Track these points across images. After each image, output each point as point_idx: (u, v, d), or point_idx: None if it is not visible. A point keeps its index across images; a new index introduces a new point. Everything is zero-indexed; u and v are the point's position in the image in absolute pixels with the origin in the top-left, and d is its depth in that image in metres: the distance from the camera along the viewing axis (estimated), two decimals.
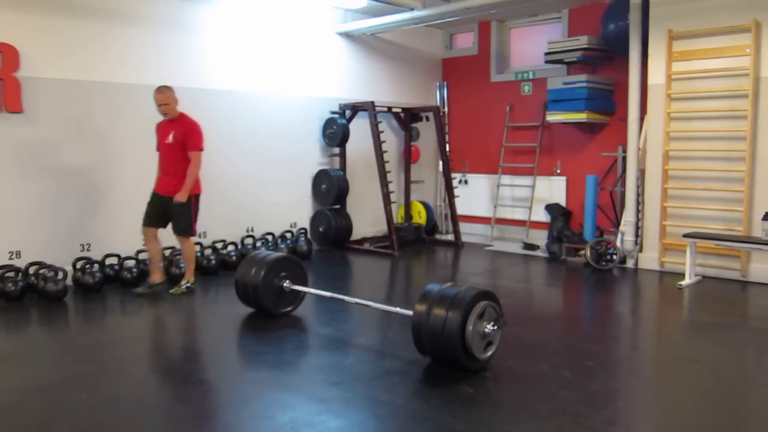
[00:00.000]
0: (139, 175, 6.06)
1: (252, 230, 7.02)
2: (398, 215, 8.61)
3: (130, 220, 5.98)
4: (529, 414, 3.06)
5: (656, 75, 6.33)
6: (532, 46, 8.42)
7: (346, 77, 8.03)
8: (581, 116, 7.24)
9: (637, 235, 6.53)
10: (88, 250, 5.76)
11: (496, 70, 8.65)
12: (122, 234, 5.94)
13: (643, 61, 6.40)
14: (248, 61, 6.95)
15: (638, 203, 6.51)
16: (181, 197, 5.16)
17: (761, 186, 5.81)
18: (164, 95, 5.19)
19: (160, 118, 5.39)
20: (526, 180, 8.30)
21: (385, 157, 7.54)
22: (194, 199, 5.33)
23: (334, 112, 7.74)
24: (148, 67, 6.10)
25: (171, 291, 5.35)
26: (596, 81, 7.28)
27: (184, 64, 6.38)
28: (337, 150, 7.83)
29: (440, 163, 8.47)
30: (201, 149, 5.28)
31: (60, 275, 5.22)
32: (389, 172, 7.61)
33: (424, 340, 3.58)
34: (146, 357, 3.82)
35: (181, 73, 6.34)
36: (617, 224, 6.93)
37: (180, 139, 5.21)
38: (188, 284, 5.41)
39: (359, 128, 7.74)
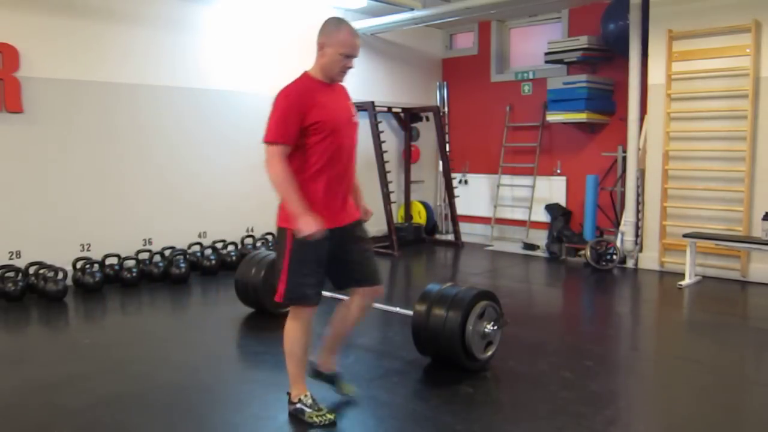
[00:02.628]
0: (140, 175, 6.08)
1: (252, 230, 7.02)
2: (398, 215, 8.60)
3: (130, 220, 6.00)
4: (529, 414, 3.06)
5: (656, 75, 6.33)
6: (532, 46, 8.41)
7: (346, 77, 8.00)
8: (581, 116, 7.24)
9: (637, 235, 6.53)
10: (88, 250, 5.76)
11: (496, 70, 8.65)
12: (122, 234, 5.94)
13: (643, 61, 6.40)
14: (248, 61, 6.95)
15: (638, 203, 6.51)
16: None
17: (761, 186, 5.81)
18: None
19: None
20: (526, 180, 8.30)
21: (385, 157, 7.54)
22: None
23: None
24: (149, 68, 6.11)
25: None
26: (596, 81, 7.28)
27: (184, 64, 6.38)
28: None
29: (440, 163, 8.46)
30: None
31: (60, 275, 5.23)
32: (389, 172, 7.61)
33: (424, 340, 3.58)
34: (146, 357, 3.81)
35: (182, 73, 6.35)
36: (617, 224, 6.92)
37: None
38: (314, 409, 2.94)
39: (359, 128, 7.71)
